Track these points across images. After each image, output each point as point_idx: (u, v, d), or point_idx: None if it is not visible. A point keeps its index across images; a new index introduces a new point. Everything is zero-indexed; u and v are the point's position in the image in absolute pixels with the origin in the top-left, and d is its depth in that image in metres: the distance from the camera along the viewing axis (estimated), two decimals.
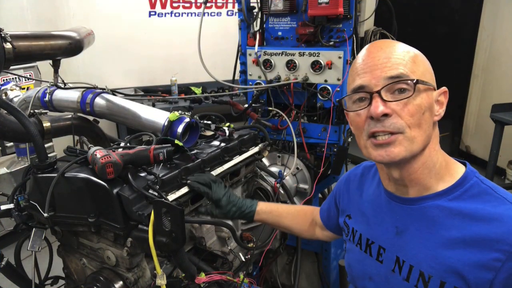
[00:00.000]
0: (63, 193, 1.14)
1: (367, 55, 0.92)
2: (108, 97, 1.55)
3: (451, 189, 0.91)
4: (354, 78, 0.93)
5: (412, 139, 0.86)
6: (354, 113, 0.93)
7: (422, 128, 0.87)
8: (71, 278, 1.33)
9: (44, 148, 1.19)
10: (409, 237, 0.94)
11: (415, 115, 0.86)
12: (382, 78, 0.87)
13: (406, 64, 0.87)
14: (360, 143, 0.95)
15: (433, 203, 0.92)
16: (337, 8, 1.70)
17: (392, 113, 0.86)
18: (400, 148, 0.86)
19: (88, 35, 1.79)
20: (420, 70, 0.89)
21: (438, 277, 0.87)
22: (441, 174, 0.93)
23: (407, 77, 0.86)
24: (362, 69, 0.91)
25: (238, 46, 2.09)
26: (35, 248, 1.24)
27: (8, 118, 1.32)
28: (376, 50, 0.91)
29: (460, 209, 0.88)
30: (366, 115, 0.89)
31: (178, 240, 1.00)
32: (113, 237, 1.14)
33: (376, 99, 0.87)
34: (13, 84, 2.01)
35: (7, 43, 1.22)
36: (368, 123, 0.89)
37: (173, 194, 1.18)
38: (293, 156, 1.87)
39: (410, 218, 0.95)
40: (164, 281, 1.05)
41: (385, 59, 0.88)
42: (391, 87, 0.87)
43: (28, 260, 1.32)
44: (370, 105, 0.88)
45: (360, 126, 0.92)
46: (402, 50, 0.90)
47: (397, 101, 0.86)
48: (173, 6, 4.79)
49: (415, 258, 0.92)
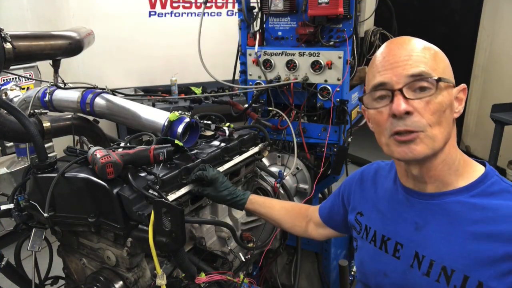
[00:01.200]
0: (63, 193, 1.14)
1: (387, 52, 0.92)
2: (108, 97, 1.55)
3: (473, 185, 0.92)
4: (375, 75, 0.93)
5: (433, 137, 0.87)
6: (375, 111, 0.93)
7: (443, 126, 0.88)
8: (71, 278, 1.33)
9: (44, 148, 1.19)
10: (430, 232, 0.94)
11: (436, 113, 0.86)
12: (403, 75, 0.87)
13: (427, 61, 0.88)
14: (380, 141, 0.95)
15: (454, 199, 0.92)
16: (337, 8, 1.70)
17: (413, 111, 0.86)
18: (422, 146, 0.87)
19: (88, 35, 1.79)
20: (441, 67, 0.89)
21: (462, 271, 0.87)
22: (460, 171, 0.94)
23: (429, 75, 0.86)
24: (383, 66, 0.91)
25: (238, 46, 2.09)
26: (35, 248, 1.24)
27: (8, 118, 1.32)
28: (396, 47, 0.91)
29: (483, 204, 0.88)
30: (388, 113, 0.89)
31: (178, 240, 1.00)
32: (113, 237, 1.14)
33: (398, 96, 0.87)
34: (13, 84, 2.01)
35: (7, 43, 1.22)
36: (390, 121, 0.89)
37: (173, 194, 1.18)
38: (293, 156, 1.87)
39: (431, 213, 0.95)
40: (164, 281, 1.05)
41: (406, 56, 0.88)
42: (412, 85, 0.87)
43: (28, 260, 1.32)
44: (391, 103, 0.88)
45: (381, 123, 0.92)
46: (423, 47, 0.90)
47: (419, 99, 0.86)
48: (173, 6, 4.79)
49: (437, 253, 0.92)
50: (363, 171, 1.24)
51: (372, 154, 5.41)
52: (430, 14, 5.83)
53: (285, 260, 2.25)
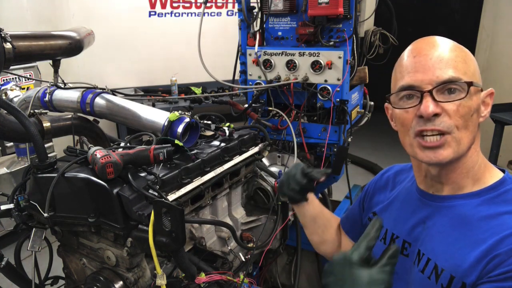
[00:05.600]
0: (63, 193, 1.14)
1: (418, 52, 0.91)
2: (108, 97, 1.55)
3: (484, 191, 0.92)
4: (403, 75, 0.92)
5: (459, 140, 0.87)
6: (401, 110, 0.93)
7: (469, 130, 0.88)
8: (71, 278, 1.33)
9: (44, 148, 1.19)
10: (433, 232, 0.95)
11: (464, 117, 0.86)
12: (435, 78, 0.87)
13: (457, 65, 0.88)
14: (404, 141, 0.95)
15: (463, 202, 0.93)
16: (337, 8, 1.70)
17: (442, 113, 0.86)
18: (448, 151, 0.87)
19: (88, 35, 1.79)
20: (471, 71, 0.89)
21: (449, 271, 0.87)
22: (478, 175, 0.94)
23: (460, 79, 0.86)
24: (413, 68, 0.90)
25: (238, 46, 2.08)
26: (35, 248, 1.24)
27: (8, 118, 1.32)
28: (428, 47, 0.91)
29: (489, 212, 0.88)
30: (415, 113, 0.89)
31: (178, 240, 1.00)
32: (113, 237, 1.14)
33: (427, 98, 0.87)
34: (13, 84, 2.01)
35: (7, 43, 1.22)
36: (416, 121, 0.89)
37: (173, 194, 1.18)
38: (293, 156, 1.87)
39: (439, 215, 0.96)
40: (164, 281, 1.05)
41: (437, 58, 0.88)
42: (442, 87, 0.87)
43: (28, 260, 1.32)
44: (420, 104, 0.88)
45: (406, 123, 0.92)
46: (454, 49, 0.90)
47: (448, 102, 0.86)
48: (173, 6, 4.79)
49: (434, 251, 0.93)
50: (383, 173, 1.26)
51: (372, 154, 5.42)
52: (431, 14, 5.83)
53: (285, 260, 2.25)
